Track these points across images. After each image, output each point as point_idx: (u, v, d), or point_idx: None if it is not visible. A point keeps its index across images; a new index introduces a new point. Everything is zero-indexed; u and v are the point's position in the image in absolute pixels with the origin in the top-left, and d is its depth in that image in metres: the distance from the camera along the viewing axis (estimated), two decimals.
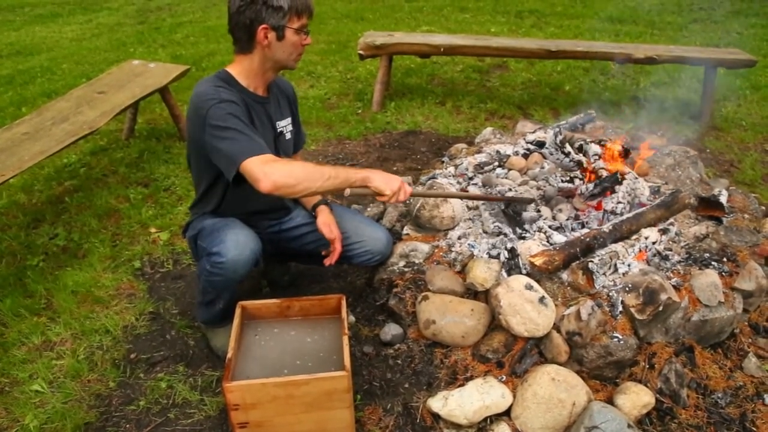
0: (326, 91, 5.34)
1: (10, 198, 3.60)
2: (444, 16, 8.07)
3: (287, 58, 2.06)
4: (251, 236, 2.10)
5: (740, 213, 2.73)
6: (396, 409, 2.09)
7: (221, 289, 2.16)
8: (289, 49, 2.04)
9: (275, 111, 2.23)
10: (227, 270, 2.05)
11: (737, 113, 4.88)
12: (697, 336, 2.25)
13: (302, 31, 2.02)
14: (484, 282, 2.23)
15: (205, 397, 2.19)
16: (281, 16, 1.94)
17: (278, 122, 2.25)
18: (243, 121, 1.93)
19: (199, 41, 7.07)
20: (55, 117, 3.39)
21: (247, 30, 1.98)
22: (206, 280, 2.15)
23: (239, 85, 2.07)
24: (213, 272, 2.07)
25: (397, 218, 2.78)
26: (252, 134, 1.91)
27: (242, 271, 2.08)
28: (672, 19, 7.74)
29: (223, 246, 2.02)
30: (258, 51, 2.02)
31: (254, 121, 2.07)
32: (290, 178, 1.81)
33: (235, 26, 2.00)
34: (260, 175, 1.78)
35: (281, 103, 2.28)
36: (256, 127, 2.07)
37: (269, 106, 2.19)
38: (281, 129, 2.26)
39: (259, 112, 2.13)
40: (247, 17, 1.95)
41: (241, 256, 2.04)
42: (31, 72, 6.03)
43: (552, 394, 1.95)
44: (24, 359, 2.39)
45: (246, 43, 2.02)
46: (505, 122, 4.64)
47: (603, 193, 2.57)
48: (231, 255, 2.02)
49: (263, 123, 2.16)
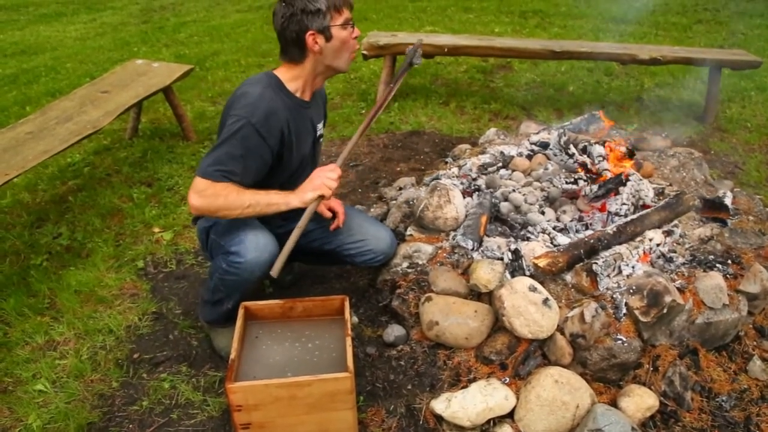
0: (330, 91, 5.34)
1: (14, 197, 3.61)
2: (448, 17, 8.06)
3: (340, 59, 2.07)
4: (270, 238, 2.09)
5: (745, 215, 2.72)
6: (399, 410, 2.08)
7: (233, 289, 2.16)
8: (341, 48, 2.04)
9: (315, 114, 2.26)
10: (244, 271, 2.04)
11: (742, 115, 4.86)
12: (702, 338, 2.24)
13: (348, 25, 2.03)
14: (487, 283, 2.22)
15: (208, 397, 2.19)
16: (322, 17, 1.96)
17: (318, 125, 2.28)
18: (246, 146, 1.96)
19: (202, 41, 7.07)
20: (59, 116, 3.40)
21: (296, 43, 2.00)
22: (219, 279, 2.14)
23: (287, 90, 2.09)
24: (229, 272, 2.06)
25: (400, 219, 2.78)
26: (238, 163, 1.94)
27: (259, 273, 2.07)
28: (676, 20, 7.71)
29: (242, 246, 2.02)
30: (310, 59, 2.05)
31: (296, 129, 2.10)
32: (211, 207, 1.93)
33: (286, 44, 2.04)
34: (190, 195, 1.93)
35: (320, 106, 2.32)
36: (300, 133, 2.12)
37: (311, 110, 2.21)
38: (320, 132, 2.31)
39: (303, 117, 2.16)
40: (293, 31, 1.97)
41: (260, 258, 2.03)
42: (35, 71, 6.04)
43: (555, 397, 1.95)
44: (27, 359, 2.39)
45: (298, 54, 2.04)
46: (509, 123, 4.63)
47: (607, 194, 2.56)
48: (250, 256, 2.01)
49: (305, 127, 2.19)
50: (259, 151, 2.00)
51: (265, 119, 1.97)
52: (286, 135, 2.07)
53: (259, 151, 1.99)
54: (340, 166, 2.08)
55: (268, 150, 2.02)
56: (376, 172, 3.86)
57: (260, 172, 2.04)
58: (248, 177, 1.99)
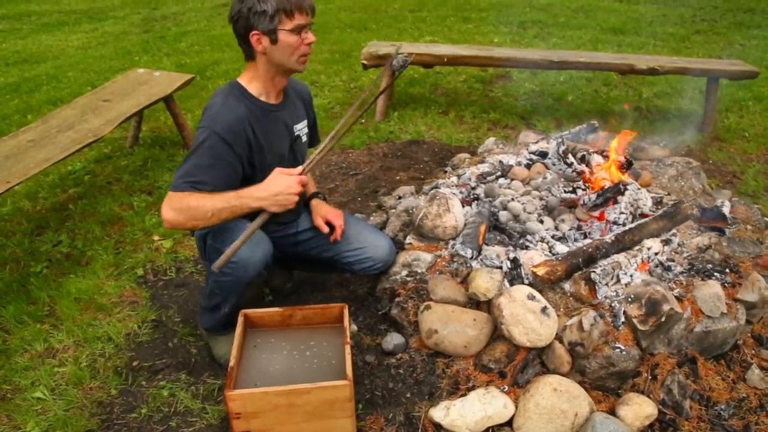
0: (330, 101, 5.36)
1: (15, 205, 3.62)
2: (447, 27, 8.11)
3: (288, 60, 2.03)
4: (263, 237, 2.10)
5: (743, 224, 2.73)
6: (398, 418, 2.08)
7: (229, 291, 2.16)
8: (288, 51, 2.01)
9: (291, 115, 2.25)
10: (238, 270, 2.04)
11: (740, 124, 4.89)
12: (700, 347, 2.24)
13: (297, 31, 1.98)
14: (486, 292, 2.23)
15: (207, 405, 2.19)
16: (269, 20, 1.93)
17: (295, 126, 2.27)
18: (213, 155, 1.97)
19: (203, 50, 7.12)
20: (60, 125, 3.41)
21: (244, 40, 2.01)
22: (214, 281, 2.15)
23: (250, 96, 2.10)
24: (223, 272, 2.05)
25: (399, 227, 2.79)
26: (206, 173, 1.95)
27: (252, 271, 2.08)
28: (674, 30, 7.76)
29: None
30: (259, 58, 2.04)
31: (262, 132, 2.10)
32: (179, 218, 1.93)
33: (237, 39, 2.04)
34: (163, 209, 1.94)
35: (297, 106, 2.31)
36: (268, 136, 2.11)
37: (284, 112, 2.21)
38: (298, 133, 2.29)
39: (272, 120, 2.15)
40: (241, 27, 1.97)
41: (253, 257, 2.04)
42: (37, 80, 6.07)
43: (554, 405, 1.95)
44: (26, 366, 2.39)
45: (247, 52, 2.05)
46: (508, 132, 4.65)
47: (605, 203, 2.58)
48: (243, 255, 2.01)
49: (277, 130, 2.18)
50: (226, 159, 2.01)
51: (229, 126, 1.99)
52: (252, 140, 2.07)
53: (226, 158, 2.01)
54: (307, 172, 2.05)
55: (236, 157, 2.04)
56: (375, 181, 3.87)
57: (232, 180, 2.05)
58: (219, 186, 1.99)
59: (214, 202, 1.92)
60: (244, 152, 2.05)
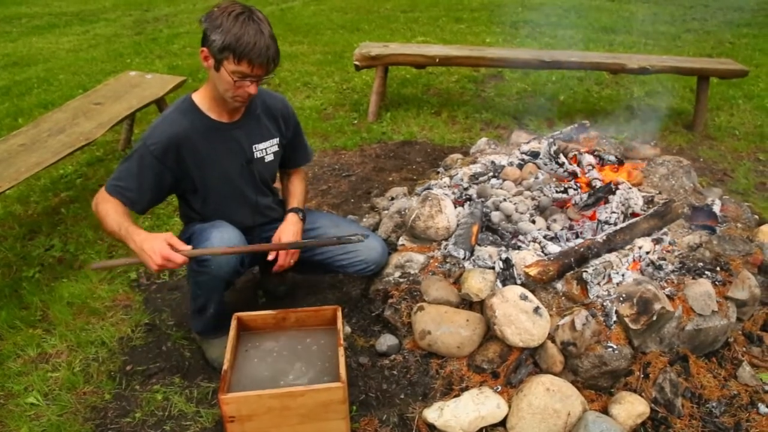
0: (322, 102, 5.36)
1: (6, 209, 3.60)
2: (439, 27, 8.13)
3: (224, 93, 1.99)
4: (236, 233, 2.11)
5: (733, 222, 2.75)
6: (392, 420, 2.09)
7: (209, 290, 2.17)
8: (224, 86, 1.97)
9: (250, 134, 2.20)
10: (212, 268, 2.06)
11: (730, 122, 4.92)
12: (692, 345, 2.26)
13: (237, 78, 1.92)
14: (479, 292, 2.24)
15: (201, 409, 2.19)
16: (218, 48, 1.88)
17: (255, 145, 2.22)
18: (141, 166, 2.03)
19: (195, 52, 7.08)
20: (52, 128, 3.40)
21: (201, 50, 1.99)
22: (194, 282, 2.17)
23: (200, 112, 2.09)
24: (199, 271, 2.08)
25: (392, 229, 2.80)
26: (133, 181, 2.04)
27: (227, 268, 2.09)
28: (665, 29, 7.81)
29: (208, 244, 2.03)
30: (210, 74, 2.01)
31: (207, 149, 2.10)
32: (99, 216, 2.02)
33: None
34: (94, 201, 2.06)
35: (264, 124, 2.24)
36: (213, 153, 2.12)
37: (239, 131, 2.17)
38: (259, 153, 2.24)
39: (221, 138, 2.13)
40: (202, 36, 1.94)
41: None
42: (28, 83, 6.04)
43: (547, 405, 1.96)
44: (19, 371, 2.38)
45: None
46: (500, 132, 4.66)
47: (597, 203, 2.59)
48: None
49: (224, 149, 2.15)
50: (153, 171, 2.05)
51: (161, 142, 2.02)
52: (188, 157, 2.08)
53: (153, 170, 2.04)
54: (196, 256, 2.00)
55: (166, 170, 2.07)
56: (368, 182, 3.88)
57: (158, 191, 2.11)
58: (144, 194, 2.06)
59: (114, 221, 1.97)
60: (174, 166, 2.08)
